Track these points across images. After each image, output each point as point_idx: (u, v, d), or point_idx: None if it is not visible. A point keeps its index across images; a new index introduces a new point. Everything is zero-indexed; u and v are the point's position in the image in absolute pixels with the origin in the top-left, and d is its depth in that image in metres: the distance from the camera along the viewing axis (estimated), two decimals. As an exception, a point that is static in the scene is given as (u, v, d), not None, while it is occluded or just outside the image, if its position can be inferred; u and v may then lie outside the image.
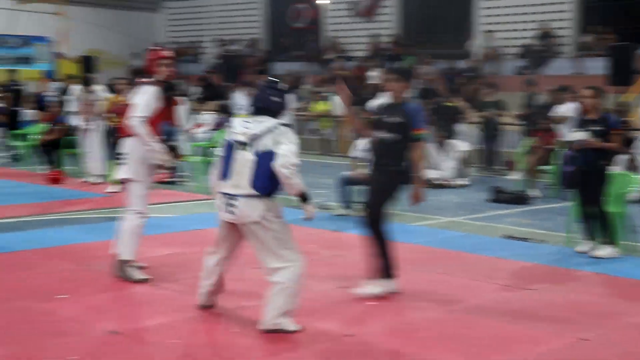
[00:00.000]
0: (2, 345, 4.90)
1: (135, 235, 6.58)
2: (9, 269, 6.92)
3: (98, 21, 29.10)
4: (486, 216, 10.31)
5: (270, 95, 5.36)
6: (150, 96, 6.46)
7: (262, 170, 5.11)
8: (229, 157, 5.24)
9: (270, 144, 5.13)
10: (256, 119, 5.26)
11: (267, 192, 5.17)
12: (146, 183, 6.65)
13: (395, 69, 6.88)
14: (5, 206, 10.36)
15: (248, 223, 5.17)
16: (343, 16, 26.06)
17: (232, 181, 5.19)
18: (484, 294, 6.44)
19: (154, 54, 6.74)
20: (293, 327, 5.25)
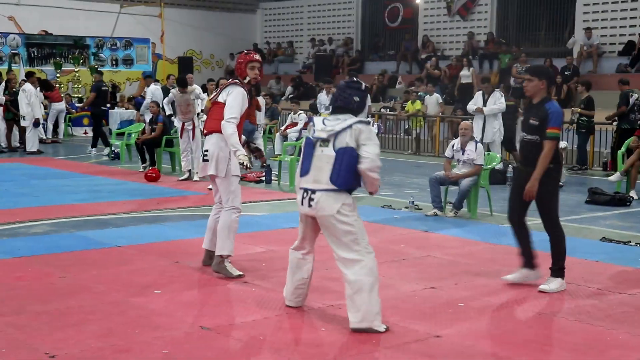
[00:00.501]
0: (99, 337, 5.05)
1: (232, 230, 6.69)
2: (106, 264, 7.13)
3: (196, 23, 29.75)
4: (583, 218, 10.02)
5: (351, 94, 5.44)
6: (241, 98, 6.61)
7: (341, 166, 5.24)
8: (310, 154, 5.39)
9: (350, 141, 5.24)
10: (336, 117, 5.38)
11: (346, 188, 5.31)
12: (235, 179, 6.74)
13: (531, 70, 6.84)
14: (103, 203, 10.70)
15: (325, 216, 5.30)
16: (438, 15, 25.82)
17: (312, 176, 5.36)
18: (579, 298, 6.25)
19: (243, 57, 6.88)
20: (382, 327, 5.26)
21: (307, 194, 5.37)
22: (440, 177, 10.02)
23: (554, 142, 6.35)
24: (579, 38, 21.72)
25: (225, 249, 6.66)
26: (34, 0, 25.86)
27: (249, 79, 6.79)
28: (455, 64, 22.89)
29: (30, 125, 17.50)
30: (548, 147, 6.31)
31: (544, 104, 6.39)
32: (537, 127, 6.39)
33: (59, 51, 23.98)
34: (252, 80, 6.82)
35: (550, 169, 6.37)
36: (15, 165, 15.35)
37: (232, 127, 6.50)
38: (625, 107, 14.36)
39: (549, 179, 6.40)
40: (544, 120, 6.33)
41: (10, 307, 5.69)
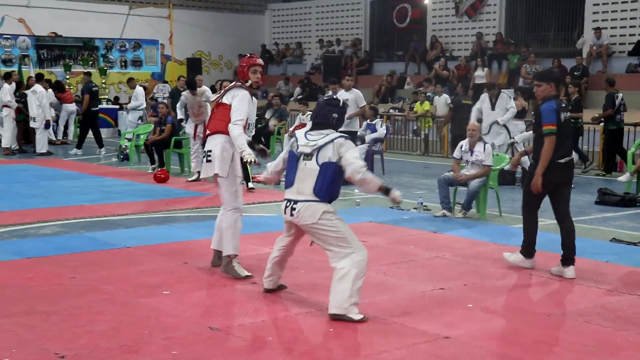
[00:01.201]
0: (109, 338, 5.07)
1: (236, 230, 6.74)
2: (115, 265, 7.15)
3: (204, 24, 29.81)
4: (593, 219, 9.98)
5: (329, 111, 5.80)
6: (247, 101, 6.71)
7: (325, 179, 5.58)
8: (293, 167, 5.75)
9: (332, 155, 5.59)
10: (319, 132, 5.72)
11: (328, 199, 5.64)
12: (236, 179, 6.80)
13: (538, 76, 7.30)
14: (113, 204, 10.72)
15: (307, 225, 5.64)
16: (446, 15, 25.80)
17: (296, 188, 5.70)
18: (589, 298, 6.24)
19: (246, 60, 6.95)
20: (358, 316, 5.46)
21: (290, 204, 5.71)
22: (449, 178, 10.01)
23: (551, 138, 6.77)
24: (588, 38, 21.66)
25: (231, 249, 6.71)
26: (43, 3, 25.97)
27: (251, 82, 6.86)
28: (464, 64, 22.87)
29: (40, 127, 17.57)
30: (546, 144, 6.79)
31: (541, 105, 6.95)
32: (534, 125, 7.12)
33: (69, 53, 24.07)
34: (254, 84, 6.90)
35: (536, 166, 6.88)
36: (25, 166, 15.40)
37: (238, 129, 6.58)
38: (612, 109, 14.35)
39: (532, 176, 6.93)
40: (539, 119, 6.91)
41: (21, 308, 5.71)
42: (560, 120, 6.82)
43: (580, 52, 21.59)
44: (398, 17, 27.68)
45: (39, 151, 17.57)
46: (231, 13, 31.01)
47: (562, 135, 6.84)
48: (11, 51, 23.40)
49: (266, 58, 30.60)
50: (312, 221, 5.59)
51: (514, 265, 7.21)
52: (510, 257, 7.27)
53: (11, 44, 23.43)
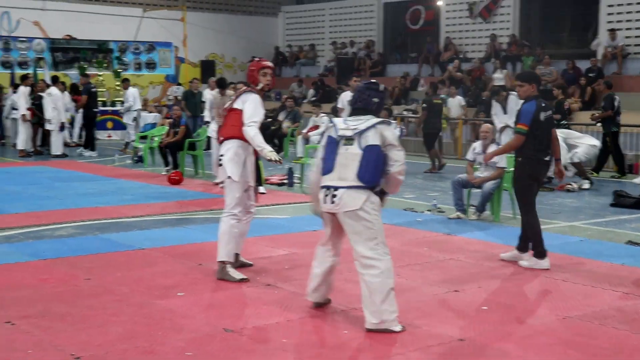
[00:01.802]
0: (124, 339, 5.09)
1: (231, 236, 6.74)
2: (130, 266, 7.18)
3: (218, 26, 29.87)
4: (608, 221, 9.94)
5: (370, 95, 5.64)
6: (258, 103, 6.75)
7: (369, 163, 5.38)
8: (333, 152, 5.50)
9: (375, 140, 5.40)
10: (357, 118, 5.55)
11: (372, 184, 5.42)
12: (243, 185, 6.81)
13: (521, 77, 7.57)
14: (127, 206, 10.77)
15: (348, 211, 5.39)
16: (460, 17, 25.74)
17: (337, 174, 5.46)
18: (604, 301, 6.20)
19: (255, 64, 7.00)
20: (398, 327, 5.33)
21: (330, 191, 5.45)
22: (462, 180, 9.99)
23: (519, 136, 7.19)
24: (603, 39, 21.55)
25: (225, 255, 6.72)
26: (58, 6, 26.11)
27: (262, 85, 6.89)
28: (478, 66, 22.80)
29: (55, 129, 17.66)
30: (513, 139, 7.31)
31: (523, 104, 7.29)
32: (515, 123, 7.40)
33: (83, 55, 24.18)
34: (265, 86, 6.93)
35: (521, 163, 7.27)
36: (40, 168, 15.49)
37: (254, 129, 6.64)
38: (612, 111, 14.58)
39: (521, 172, 7.31)
40: (517, 118, 7.30)
41: (36, 309, 5.74)
42: (539, 120, 7.19)
43: (595, 53, 21.49)
44: (411, 18, 27.63)
45: (54, 153, 17.66)
46: (245, 15, 31.06)
47: (542, 134, 7.23)
48: (26, 54, 23.52)
49: (279, 60, 30.64)
50: (355, 207, 5.35)
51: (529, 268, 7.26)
52: (523, 263, 7.35)
53: (26, 47, 23.55)
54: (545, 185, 12.74)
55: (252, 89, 6.89)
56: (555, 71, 20.48)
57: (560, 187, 12.72)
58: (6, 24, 25.56)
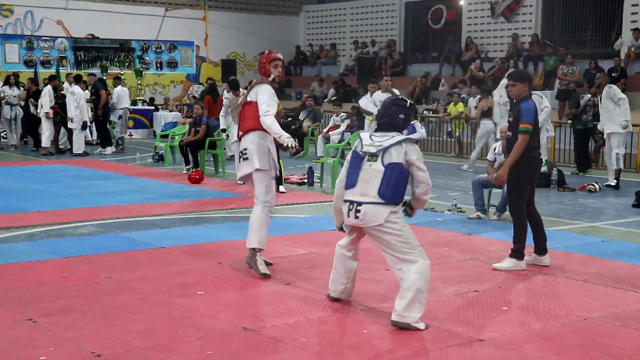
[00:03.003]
0: (144, 337, 5.11)
1: (264, 224, 6.83)
2: (150, 265, 7.21)
3: (239, 25, 29.94)
4: (630, 222, 9.85)
5: (396, 111, 5.69)
6: (271, 93, 6.84)
7: (390, 180, 5.47)
8: (357, 167, 5.60)
9: (398, 157, 5.49)
10: (383, 134, 5.66)
11: (393, 202, 5.51)
12: (271, 173, 6.89)
13: (514, 76, 7.51)
14: (148, 204, 10.82)
15: (373, 226, 5.50)
16: (482, 16, 25.63)
17: (360, 189, 5.56)
18: (626, 302, 6.15)
19: (266, 56, 7.08)
20: (422, 325, 5.37)
21: (353, 206, 5.55)
22: (483, 180, 9.94)
23: (525, 136, 7.05)
24: (626, 39, 21.36)
25: (257, 241, 6.80)
26: (81, 5, 26.30)
27: (273, 76, 6.98)
28: (499, 65, 22.69)
29: (77, 128, 17.78)
30: (520, 140, 7.07)
31: (520, 103, 7.19)
32: (511, 123, 7.34)
33: (105, 54, 24.33)
34: (276, 77, 7.01)
35: (519, 162, 7.12)
36: (62, 167, 15.61)
37: (270, 118, 6.71)
38: (576, 110, 14.92)
39: (518, 171, 7.17)
40: (517, 117, 7.14)
41: (58, 307, 5.79)
42: (536, 118, 7.23)
43: (618, 53, 21.31)
44: (433, 18, 27.55)
45: (75, 152, 17.78)
46: (266, 14, 31.11)
47: (536, 132, 7.26)
48: (49, 53, 23.70)
49: (300, 59, 30.67)
50: (379, 222, 5.45)
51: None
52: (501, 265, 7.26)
53: (49, 46, 23.74)
54: (566, 185, 12.69)
55: (263, 80, 6.95)
56: (578, 71, 20.32)
57: (582, 188, 12.63)
58: (29, 23, 25.80)
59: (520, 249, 7.24)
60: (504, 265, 7.21)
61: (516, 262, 7.22)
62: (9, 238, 8.42)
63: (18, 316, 5.54)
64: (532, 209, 7.45)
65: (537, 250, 7.40)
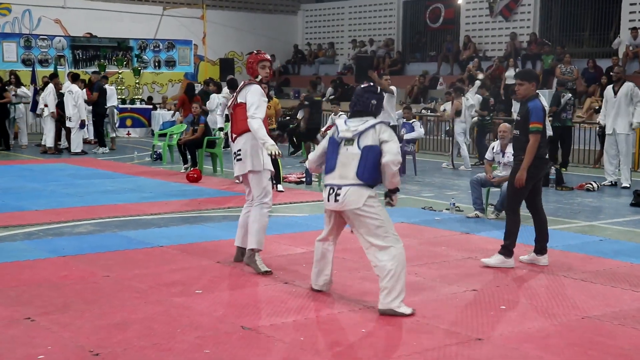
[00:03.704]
0: (142, 336, 5.11)
1: (262, 225, 6.87)
2: (148, 264, 7.21)
3: (237, 24, 29.92)
4: (628, 221, 9.87)
5: (368, 98, 5.91)
6: (260, 94, 6.85)
7: (367, 162, 5.68)
8: (335, 152, 5.84)
9: (373, 139, 5.69)
10: (358, 119, 5.85)
11: (372, 182, 5.72)
12: (266, 173, 6.93)
13: (520, 75, 7.57)
14: (146, 203, 10.81)
15: (352, 209, 5.69)
16: (480, 15, 25.62)
17: (338, 173, 5.78)
18: (624, 301, 6.16)
19: (254, 57, 7.12)
20: (407, 310, 5.61)
21: (334, 190, 5.78)
22: (481, 179, 9.95)
23: (537, 135, 7.04)
24: (624, 38, 21.37)
25: (256, 242, 6.84)
26: (79, 4, 26.26)
27: (261, 77, 7.01)
28: (497, 65, 22.69)
29: (75, 127, 17.77)
30: (532, 140, 7.05)
31: (528, 103, 7.17)
32: (518, 122, 7.32)
33: (103, 53, 24.29)
34: (264, 78, 7.06)
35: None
36: (60, 165, 15.59)
37: (257, 121, 6.73)
38: (556, 107, 15.09)
39: None
40: (526, 116, 7.13)
41: (56, 305, 5.78)
42: (545, 118, 7.28)
43: (617, 52, 21.32)
44: (431, 17, 27.55)
45: (74, 150, 17.78)
46: (264, 13, 31.09)
47: (544, 132, 7.24)
48: (47, 51, 23.66)
49: (298, 58, 30.66)
50: (357, 206, 5.67)
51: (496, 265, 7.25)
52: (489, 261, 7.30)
53: (47, 45, 23.70)
54: (564, 184, 12.70)
55: (252, 80, 6.99)
56: (576, 70, 20.33)
57: (580, 187, 12.64)
58: (27, 22, 25.76)
59: (509, 246, 7.25)
60: (492, 262, 7.24)
61: (504, 259, 7.23)
62: (7, 237, 8.41)
63: (16, 315, 5.54)
64: (539, 209, 7.45)
65: (537, 250, 7.39)
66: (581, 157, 16.71)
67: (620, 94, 12.78)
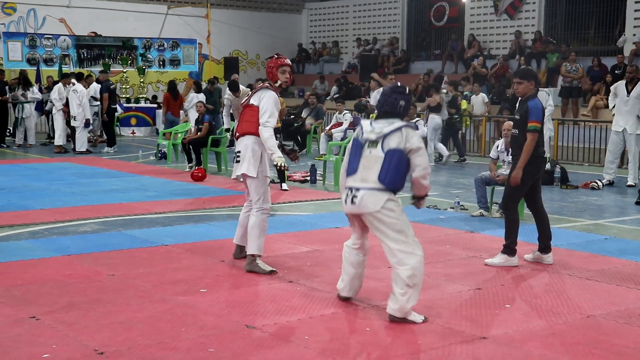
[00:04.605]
0: (146, 335, 5.11)
1: (262, 230, 6.86)
2: (152, 263, 7.22)
3: (242, 23, 29.93)
4: (632, 219, 9.84)
5: (397, 99, 5.71)
6: (274, 101, 6.79)
7: (390, 166, 5.50)
8: (358, 154, 5.64)
9: (398, 143, 5.51)
10: (384, 120, 5.64)
11: (393, 187, 5.54)
12: (265, 180, 6.91)
13: (520, 73, 7.57)
14: (150, 202, 10.82)
15: (369, 213, 5.53)
16: (485, 14, 25.58)
17: (360, 176, 5.60)
18: (629, 300, 6.15)
19: (274, 61, 7.00)
20: (419, 318, 5.47)
21: (351, 192, 5.60)
22: (486, 178, 9.93)
23: (534, 134, 7.03)
24: (629, 36, 21.32)
25: (256, 248, 6.83)
26: (84, 3, 26.30)
27: (280, 82, 6.94)
28: (502, 63, 22.65)
29: (80, 126, 17.80)
30: (529, 139, 7.04)
31: (527, 101, 7.15)
32: (517, 121, 7.29)
33: (108, 52, 24.32)
34: (283, 84, 6.99)
35: None
36: (64, 164, 15.61)
37: (268, 130, 6.69)
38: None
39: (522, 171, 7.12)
40: (525, 115, 7.10)
41: (60, 304, 5.79)
42: (543, 117, 7.23)
43: (622, 50, 21.26)
44: (435, 15, 27.52)
45: (78, 149, 17.81)
46: (268, 12, 31.09)
47: (542, 131, 7.24)
48: (52, 51, 23.70)
49: (303, 57, 30.64)
50: (375, 209, 5.49)
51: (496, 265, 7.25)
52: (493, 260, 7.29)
53: (52, 44, 23.74)
54: (569, 183, 12.67)
55: (270, 86, 6.92)
56: (581, 68, 20.29)
57: (585, 185, 12.62)
58: (32, 21, 25.81)
59: (511, 244, 7.24)
60: (495, 261, 7.23)
61: (507, 257, 7.23)
62: (11, 236, 8.42)
63: (21, 314, 5.55)
64: (539, 207, 7.45)
65: (541, 249, 7.38)
66: (586, 156, 16.68)
67: (634, 93, 12.58)
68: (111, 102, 18.61)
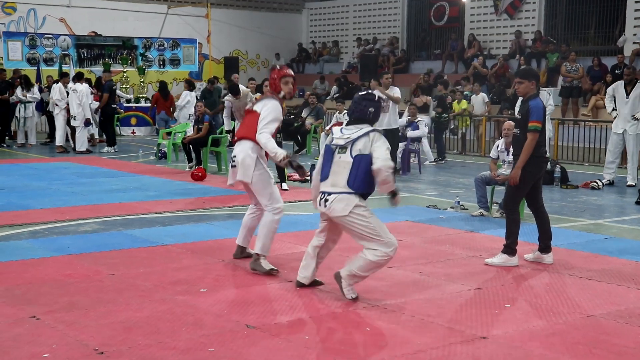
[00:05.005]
0: (146, 335, 5.11)
1: (271, 231, 6.84)
2: (153, 262, 7.22)
3: (242, 23, 29.93)
4: (633, 219, 9.84)
5: (366, 106, 5.95)
6: (276, 110, 6.78)
7: (358, 170, 5.73)
8: (329, 160, 5.92)
9: (365, 148, 5.73)
10: (355, 126, 5.90)
11: (362, 191, 5.77)
12: (269, 181, 6.89)
13: (520, 73, 7.66)
14: (150, 202, 10.82)
15: (338, 217, 5.79)
16: (485, 13, 25.58)
17: (330, 181, 5.87)
18: (629, 300, 6.15)
19: (277, 72, 7.02)
20: (353, 294, 5.88)
21: (324, 196, 5.88)
22: (486, 177, 9.93)
23: (535, 134, 7.03)
24: (629, 36, 21.32)
25: (262, 248, 6.81)
26: (84, 2, 26.30)
27: (283, 93, 6.92)
28: (502, 63, 22.66)
29: (80, 125, 17.80)
30: (529, 139, 7.04)
31: (529, 101, 7.15)
32: (518, 121, 7.32)
33: (108, 52, 24.31)
34: (287, 95, 6.98)
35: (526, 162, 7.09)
36: (64, 164, 15.61)
37: (266, 135, 6.68)
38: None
39: (523, 171, 7.12)
40: (526, 115, 7.10)
41: (61, 304, 5.79)
42: (545, 117, 7.25)
43: (622, 50, 21.26)
44: (436, 15, 27.51)
45: (78, 149, 17.81)
46: (268, 12, 31.09)
47: (543, 130, 7.22)
48: (52, 50, 23.70)
49: (303, 57, 30.65)
50: (343, 214, 5.74)
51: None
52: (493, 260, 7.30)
53: (52, 44, 23.74)
54: (569, 183, 12.67)
55: (273, 95, 6.92)
56: (582, 68, 20.30)
57: (585, 185, 12.62)
58: (32, 21, 25.81)
59: (511, 244, 7.24)
60: (495, 261, 7.24)
61: (507, 257, 7.23)
62: (11, 235, 8.43)
63: (21, 313, 5.55)
64: (540, 207, 7.45)
65: (541, 249, 7.38)
66: (586, 155, 16.68)
67: (633, 95, 12.57)
68: (112, 102, 18.61)
